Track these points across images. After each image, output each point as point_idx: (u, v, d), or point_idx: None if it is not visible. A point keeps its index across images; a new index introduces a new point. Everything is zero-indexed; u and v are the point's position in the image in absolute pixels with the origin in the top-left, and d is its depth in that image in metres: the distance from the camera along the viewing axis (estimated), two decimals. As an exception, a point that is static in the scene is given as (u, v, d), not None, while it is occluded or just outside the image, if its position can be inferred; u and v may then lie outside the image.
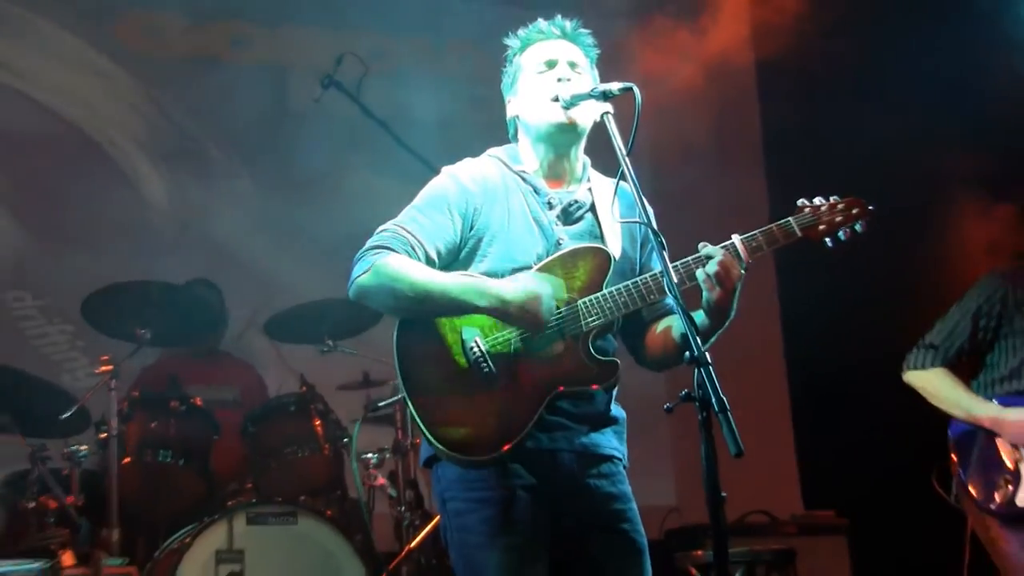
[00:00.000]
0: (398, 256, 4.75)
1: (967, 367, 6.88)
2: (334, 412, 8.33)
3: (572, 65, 5.02)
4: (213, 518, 7.29)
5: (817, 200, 4.84)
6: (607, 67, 5.06)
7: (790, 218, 4.79)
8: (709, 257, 4.57)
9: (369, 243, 4.80)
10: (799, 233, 4.78)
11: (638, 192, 4.48)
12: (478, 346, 4.70)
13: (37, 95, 9.60)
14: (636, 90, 4.61)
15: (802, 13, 9.93)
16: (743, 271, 4.63)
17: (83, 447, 7.56)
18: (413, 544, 7.68)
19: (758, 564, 7.88)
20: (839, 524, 9.79)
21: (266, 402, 8.50)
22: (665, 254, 4.38)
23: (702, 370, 4.09)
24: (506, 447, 4.64)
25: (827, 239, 4.81)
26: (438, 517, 6.96)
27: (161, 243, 9.52)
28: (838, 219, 4.83)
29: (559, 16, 5.12)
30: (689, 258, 4.61)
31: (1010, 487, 6.53)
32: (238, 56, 10.15)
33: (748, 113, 11.84)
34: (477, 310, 4.70)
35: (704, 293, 4.58)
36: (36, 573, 6.49)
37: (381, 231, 4.83)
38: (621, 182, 4.76)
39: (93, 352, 7.89)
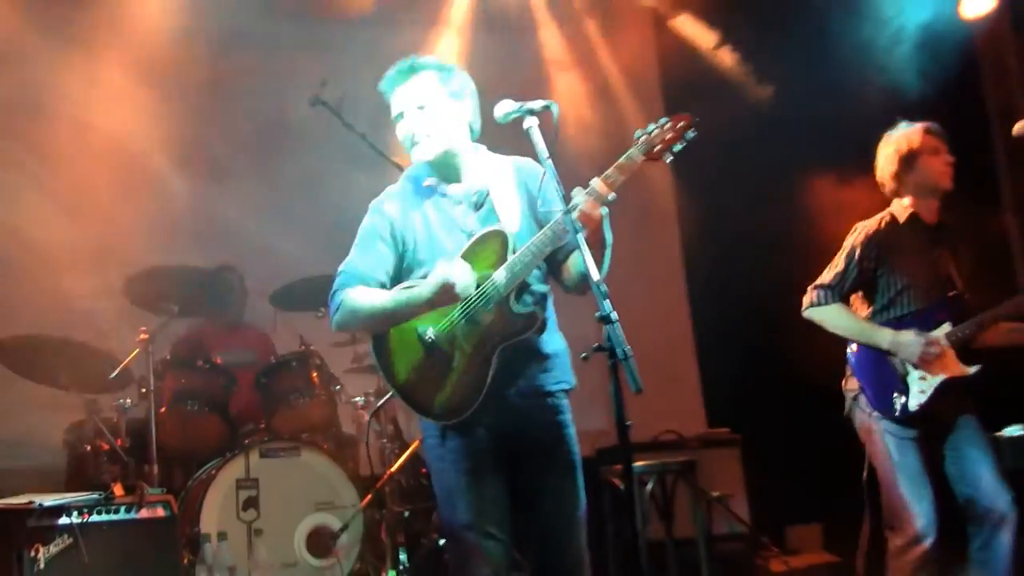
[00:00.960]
0: (355, 290, 5.04)
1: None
2: (328, 365, 8.49)
3: (420, 108, 5.17)
4: (233, 453, 7.54)
5: (650, 126, 4.82)
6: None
7: (632, 149, 4.79)
8: (575, 204, 4.71)
9: (335, 285, 5.12)
10: (643, 158, 4.79)
11: (557, 184, 4.73)
12: (430, 336, 4.94)
13: (85, 116, 9.65)
14: (554, 106, 4.82)
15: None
16: (610, 200, 4.73)
17: (128, 400, 7.79)
18: (394, 468, 7.78)
19: (667, 473, 7.97)
20: (733, 439, 9.82)
21: (274, 359, 8.62)
22: (574, 232, 4.65)
23: (609, 327, 4.38)
24: (468, 410, 4.94)
25: (667, 156, 4.80)
26: (414, 445, 7.19)
27: (186, 232, 9.62)
28: (669, 136, 4.80)
29: (402, 61, 5.30)
30: (565, 207, 4.71)
31: (903, 396, 6.69)
32: (246, 81, 10.24)
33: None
34: (420, 312, 4.92)
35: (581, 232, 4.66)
36: (94, 502, 6.60)
37: (340, 272, 5.13)
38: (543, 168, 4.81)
39: (135, 324, 7.93)
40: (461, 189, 5.21)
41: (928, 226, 6.94)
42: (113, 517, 6.59)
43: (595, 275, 4.49)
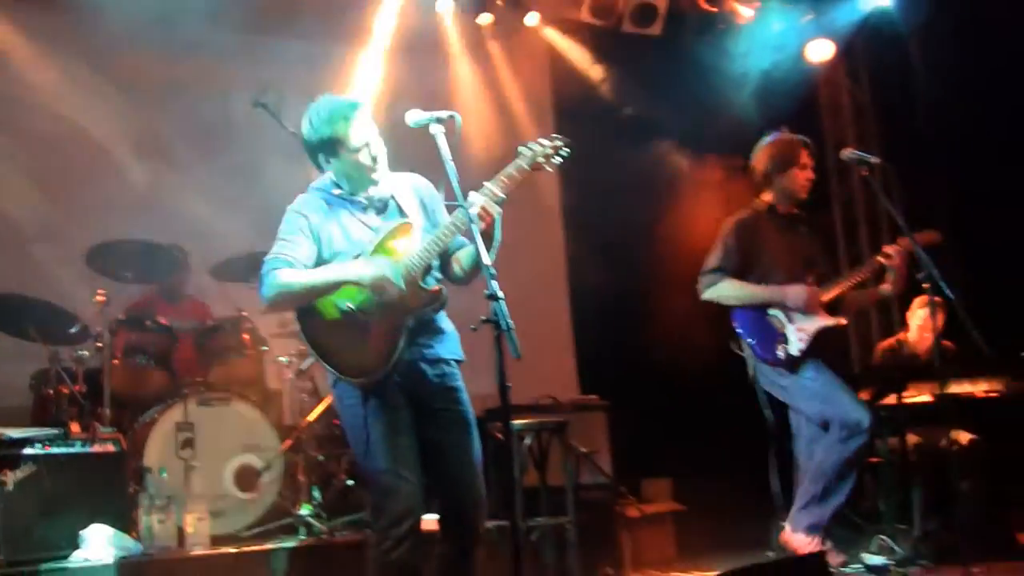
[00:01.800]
0: (282, 270, 5.10)
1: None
2: (258, 329, 8.57)
3: (367, 145, 5.22)
4: (174, 401, 7.63)
5: (531, 143, 5.06)
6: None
7: (518, 159, 5.03)
8: (472, 202, 4.90)
9: (264, 268, 5.15)
10: (528, 168, 5.02)
11: (456, 187, 4.86)
12: (349, 306, 5.03)
13: (58, 108, 9.65)
14: (457, 116, 4.97)
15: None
16: (502, 200, 4.97)
17: (85, 352, 7.75)
18: (310, 418, 7.85)
19: (543, 431, 8.01)
20: (601, 404, 9.84)
21: (212, 323, 8.68)
22: (471, 223, 4.82)
23: (496, 303, 4.56)
24: (381, 371, 5.04)
25: (546, 167, 5.05)
26: (328, 400, 7.22)
27: (142, 211, 9.58)
28: (548, 152, 5.05)
29: (351, 100, 5.33)
30: (463, 204, 4.90)
31: (784, 344, 6.92)
32: (198, 82, 10.25)
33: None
34: (346, 284, 5.04)
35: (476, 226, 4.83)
36: (54, 436, 6.65)
37: (266, 260, 5.17)
38: (445, 175, 4.93)
39: (94, 287, 7.92)
40: (366, 196, 5.30)
41: (783, 215, 7.23)
42: (70, 450, 6.67)
43: (486, 260, 4.66)
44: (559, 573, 8.11)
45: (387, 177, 5.34)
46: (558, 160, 5.09)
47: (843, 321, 7.14)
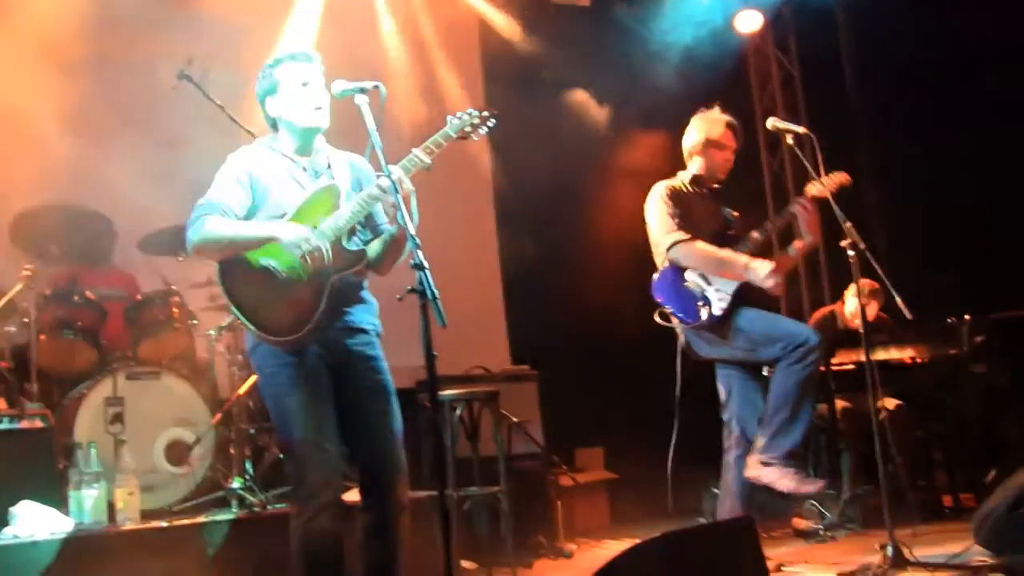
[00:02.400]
0: (213, 218, 5.12)
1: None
2: (187, 303, 8.50)
3: (314, 83, 5.34)
4: (103, 375, 7.53)
5: (459, 113, 5.28)
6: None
7: (446, 128, 5.25)
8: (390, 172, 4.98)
9: (194, 214, 5.19)
10: (455, 136, 5.24)
11: (382, 155, 4.93)
12: (272, 264, 5.03)
13: None
14: (382, 87, 5.06)
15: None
16: (428, 167, 5.15)
17: (12, 328, 7.67)
18: (241, 391, 7.80)
19: (473, 401, 8.06)
20: (531, 374, 9.94)
21: (140, 296, 8.57)
22: (394, 190, 4.91)
23: (421, 273, 4.61)
24: (303, 330, 5.04)
25: (473, 136, 5.30)
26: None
27: (67, 186, 9.48)
28: (475, 122, 5.28)
29: (305, 50, 5.46)
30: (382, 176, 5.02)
31: (706, 307, 6.97)
32: (123, 56, 10.14)
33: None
34: (270, 241, 5.05)
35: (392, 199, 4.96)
36: (-21, 412, 6.63)
37: (198, 206, 5.21)
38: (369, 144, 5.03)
39: (20, 262, 7.85)
40: (307, 159, 5.37)
41: (705, 188, 7.37)
42: (-3, 426, 6.59)
43: (411, 228, 4.70)
44: (492, 543, 8.17)
45: (327, 148, 5.47)
46: (484, 130, 5.29)
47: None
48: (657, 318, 7.24)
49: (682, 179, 7.37)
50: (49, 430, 6.87)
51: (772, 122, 7.13)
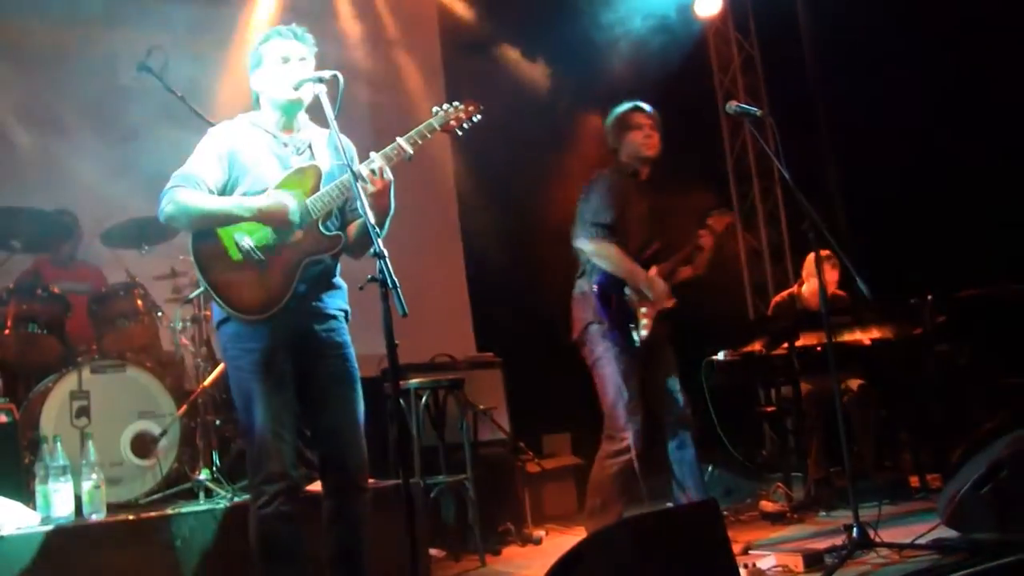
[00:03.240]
0: (187, 190, 5.13)
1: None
2: (151, 295, 8.47)
3: (301, 59, 5.34)
4: (68, 369, 7.48)
5: (445, 105, 5.30)
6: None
7: (431, 119, 5.26)
8: (372, 159, 5.08)
9: (169, 184, 5.17)
10: (439, 128, 5.26)
11: (339, 140, 4.99)
12: (247, 242, 5.07)
13: None
14: (340, 76, 5.06)
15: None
16: (409, 157, 5.15)
17: (-26, 323, 7.65)
18: (206, 383, 7.77)
19: (439, 388, 8.11)
20: (496, 362, 9.98)
21: (104, 289, 8.56)
22: (353, 181, 4.91)
23: (381, 261, 4.60)
24: (274, 309, 5.09)
25: (458, 130, 5.31)
26: (223, 364, 7.18)
27: (30, 180, 9.50)
28: (461, 115, 5.31)
29: (293, 24, 5.44)
30: (364, 163, 5.08)
31: (635, 328, 7.04)
32: (83, 48, 10.15)
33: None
34: (243, 219, 5.09)
35: (369, 188, 5.01)
36: (-58, 409, 6.61)
37: (175, 175, 5.21)
38: (331, 132, 5.05)
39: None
40: (289, 136, 5.39)
41: (639, 180, 7.35)
42: (-39, 422, 6.58)
43: (370, 218, 4.73)
44: (460, 530, 8.21)
45: (310, 126, 5.50)
46: (468, 125, 5.32)
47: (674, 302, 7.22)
48: (575, 318, 7.37)
49: (622, 171, 7.38)
50: (14, 424, 6.83)
51: (731, 105, 7.14)
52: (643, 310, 7.04)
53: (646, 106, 7.43)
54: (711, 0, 12.57)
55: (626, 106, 7.45)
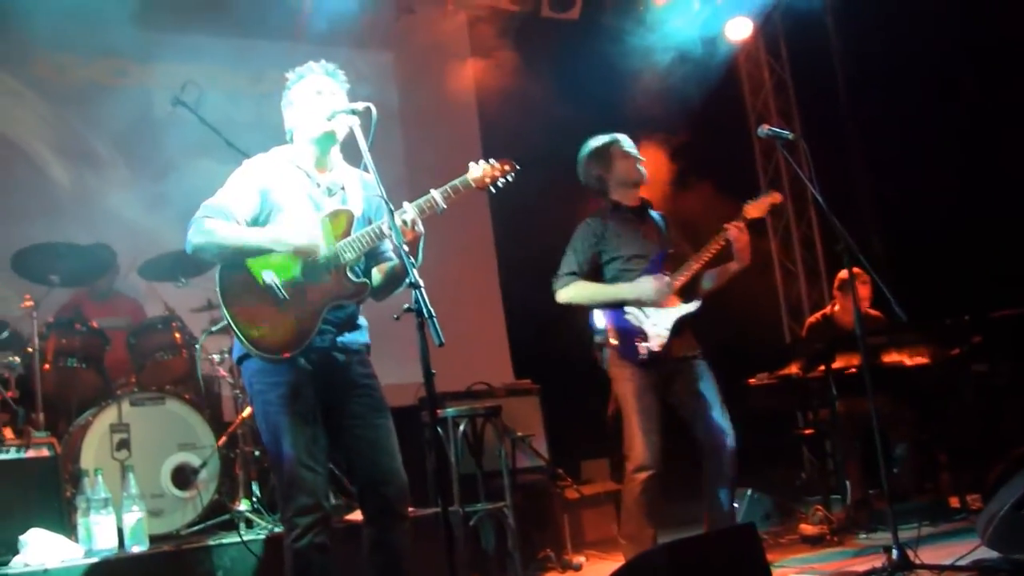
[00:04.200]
0: (217, 221, 5.14)
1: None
2: (188, 327, 8.56)
3: (332, 95, 5.38)
4: (107, 402, 7.56)
5: (481, 162, 5.30)
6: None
7: (465, 175, 5.27)
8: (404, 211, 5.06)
9: (197, 214, 5.19)
10: (473, 185, 5.27)
11: (376, 176, 4.95)
12: (273, 280, 5.06)
13: None
14: (373, 108, 5.07)
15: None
16: (441, 211, 5.17)
17: (16, 358, 7.72)
18: (245, 414, 7.84)
19: (476, 416, 8.09)
20: (533, 388, 9.94)
21: (142, 322, 8.65)
22: (390, 214, 4.90)
23: (416, 292, 4.62)
24: (295, 350, 5.09)
25: (491, 187, 5.33)
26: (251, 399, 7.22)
27: (67, 214, 9.63)
28: (496, 173, 5.33)
29: (323, 60, 5.47)
30: (396, 213, 5.01)
31: (644, 341, 6.98)
32: (118, 82, 10.31)
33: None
34: (272, 251, 5.11)
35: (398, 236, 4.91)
36: (-16, 444, 6.68)
37: (204, 206, 5.22)
38: (362, 173, 5.21)
39: (21, 293, 7.94)
40: (322, 176, 5.41)
41: (630, 208, 7.34)
42: (3, 456, 6.66)
43: (405, 247, 4.75)
44: (500, 558, 8.20)
45: (342, 167, 5.51)
46: (502, 183, 5.36)
47: (697, 306, 7.13)
48: (596, 351, 7.35)
49: (603, 211, 7.41)
50: (56, 458, 6.92)
51: (763, 129, 7.14)
52: (650, 323, 7.03)
53: (618, 137, 7.45)
54: (742, 24, 12.56)
55: (599, 141, 7.47)
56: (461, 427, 8.00)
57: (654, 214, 7.46)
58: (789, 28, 13.25)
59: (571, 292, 7.22)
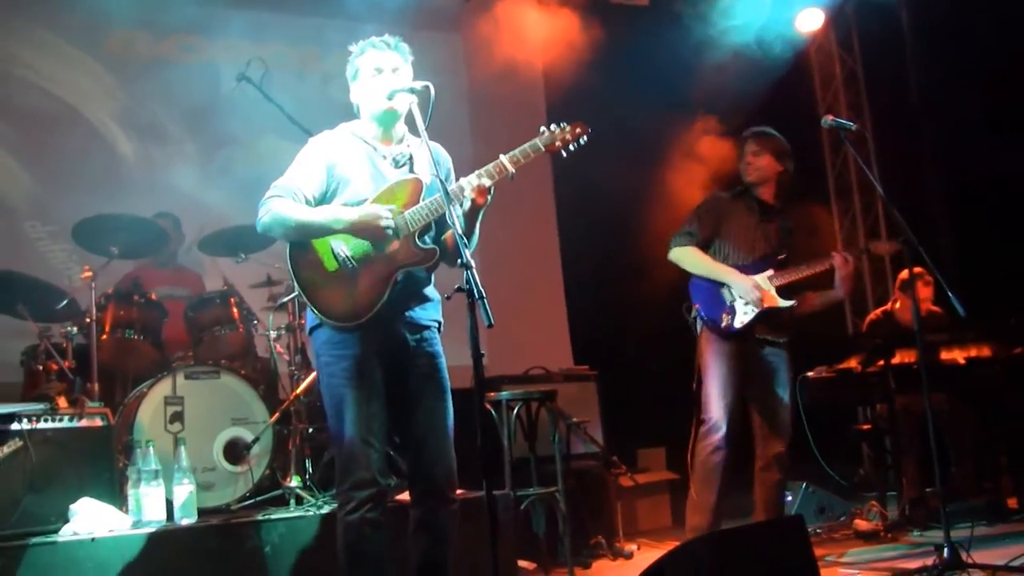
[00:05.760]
0: (285, 201, 5.18)
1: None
2: (247, 302, 8.55)
3: (394, 70, 5.35)
4: (163, 374, 7.53)
5: (552, 126, 5.24)
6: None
7: (536, 139, 5.23)
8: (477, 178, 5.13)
9: (267, 194, 5.24)
10: (543, 149, 5.23)
11: (431, 151, 5.09)
12: (343, 251, 5.11)
13: (49, 87, 9.88)
14: (431, 87, 5.08)
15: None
16: (511, 176, 5.17)
17: (74, 328, 7.72)
18: (299, 390, 7.82)
19: (531, 400, 8.02)
20: (591, 375, 9.90)
21: (200, 295, 8.68)
22: (445, 196, 4.99)
23: (468, 272, 4.61)
24: (364, 317, 5.12)
25: (563, 151, 5.25)
26: (315, 372, 7.20)
27: (132, 187, 9.70)
28: (567, 137, 5.25)
29: (387, 34, 5.45)
30: (462, 179, 5.16)
31: (730, 316, 7.28)
32: (186, 58, 10.40)
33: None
34: (336, 231, 5.12)
35: (467, 202, 5.11)
36: (41, 411, 6.65)
37: (273, 185, 5.27)
38: (429, 143, 5.12)
39: (83, 263, 8.00)
40: (389, 148, 5.43)
41: (759, 202, 7.58)
42: (57, 425, 6.64)
43: (459, 228, 4.76)
44: (551, 543, 8.15)
45: (409, 137, 5.53)
46: (574, 146, 5.29)
47: (791, 303, 7.35)
48: (685, 313, 7.60)
49: (735, 189, 7.74)
50: (109, 428, 6.90)
51: (827, 120, 7.14)
52: (741, 303, 7.31)
53: (754, 132, 7.73)
54: (813, 15, 12.43)
55: (746, 132, 7.76)
56: (515, 410, 7.94)
57: (784, 216, 7.70)
58: (862, 20, 13.10)
59: (680, 254, 7.56)
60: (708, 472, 7.21)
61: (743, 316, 7.27)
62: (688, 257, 7.49)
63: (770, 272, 7.36)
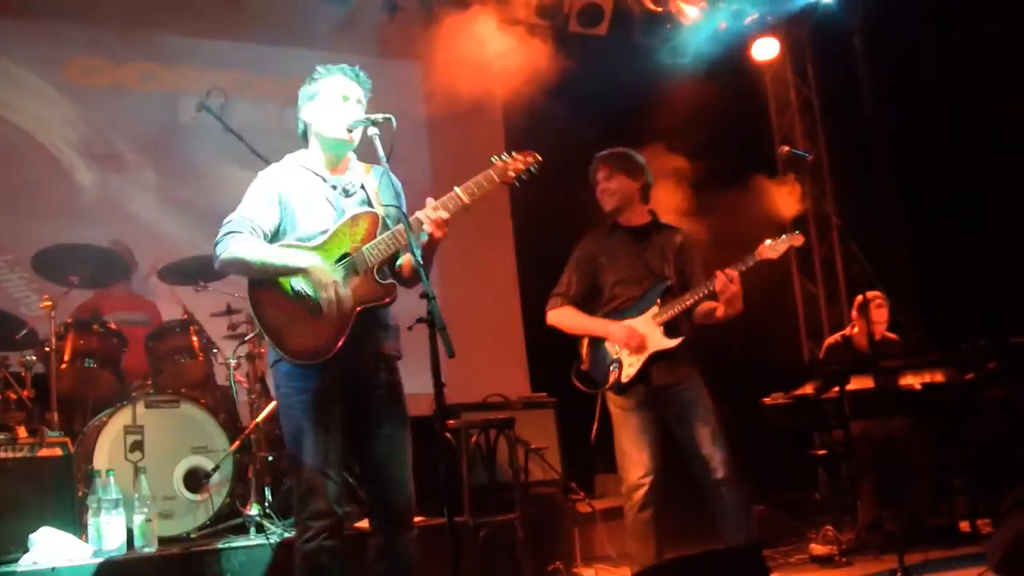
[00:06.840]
0: (243, 237, 5.15)
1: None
2: (206, 331, 8.59)
3: (358, 101, 5.39)
4: (123, 403, 7.57)
5: (504, 155, 5.27)
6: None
7: (489, 169, 5.23)
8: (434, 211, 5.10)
9: (223, 230, 5.20)
10: (498, 180, 5.23)
11: (391, 182, 5.23)
12: (303, 289, 5.08)
13: (5, 113, 9.84)
14: (393, 119, 5.12)
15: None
16: (467, 208, 5.15)
17: (33, 357, 7.73)
18: (259, 419, 7.83)
19: (490, 427, 8.08)
20: (548, 402, 9.92)
21: (161, 324, 8.67)
22: (407, 226, 5.03)
23: (429, 301, 4.67)
24: (326, 356, 5.09)
25: (516, 181, 5.25)
26: (275, 402, 7.22)
27: (90, 215, 9.69)
28: (519, 165, 5.26)
29: (357, 66, 5.47)
30: (419, 212, 5.11)
31: (617, 370, 6.95)
32: (145, 86, 10.34)
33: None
34: (298, 273, 5.12)
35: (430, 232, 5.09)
36: (1, 440, 6.68)
37: (229, 220, 5.23)
38: (382, 170, 5.23)
39: (42, 292, 8.01)
40: (337, 177, 5.40)
41: (630, 229, 7.24)
42: (16, 454, 6.69)
43: (418, 256, 4.79)
44: (510, 569, 8.18)
45: (359, 167, 5.50)
46: (525, 176, 5.29)
47: (676, 341, 6.88)
48: (573, 378, 7.29)
49: (605, 227, 7.38)
50: (68, 457, 6.93)
51: (783, 151, 7.14)
52: (625, 352, 6.95)
53: (599, 158, 7.42)
54: (768, 44, 12.58)
55: (592, 163, 7.45)
56: (474, 438, 7.98)
57: (667, 233, 7.29)
58: (817, 49, 13.24)
59: (555, 317, 7.29)
60: (640, 529, 6.93)
61: (630, 369, 6.91)
62: (563, 319, 7.20)
63: (654, 309, 6.96)
